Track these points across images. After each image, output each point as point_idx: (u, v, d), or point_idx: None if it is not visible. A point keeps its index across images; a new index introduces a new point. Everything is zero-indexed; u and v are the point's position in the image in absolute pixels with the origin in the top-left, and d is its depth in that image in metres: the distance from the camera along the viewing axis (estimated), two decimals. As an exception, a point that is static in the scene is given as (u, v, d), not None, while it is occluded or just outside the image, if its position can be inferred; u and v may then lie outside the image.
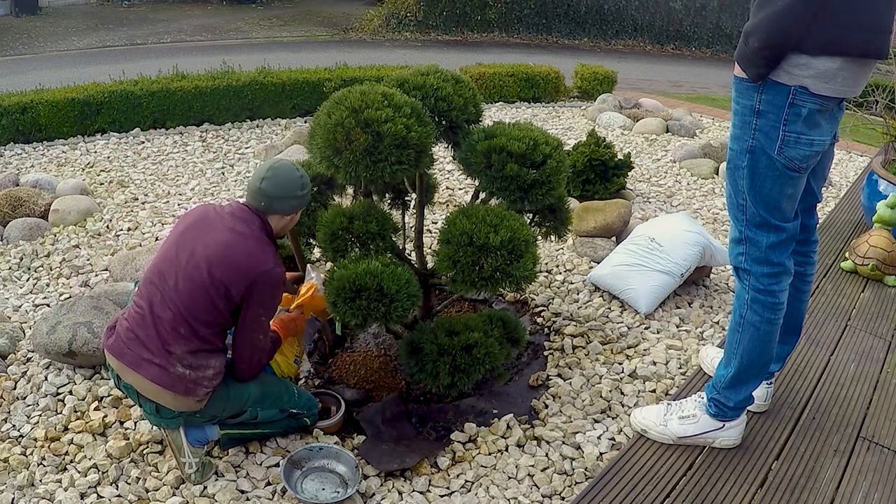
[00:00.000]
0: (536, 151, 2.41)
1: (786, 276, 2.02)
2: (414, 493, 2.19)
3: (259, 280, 2.05)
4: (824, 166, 2.09)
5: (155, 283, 2.08)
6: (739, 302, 2.08)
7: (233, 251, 2.04)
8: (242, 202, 2.21)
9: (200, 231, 2.10)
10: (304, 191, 2.22)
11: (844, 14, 1.69)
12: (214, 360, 2.09)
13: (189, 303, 2.03)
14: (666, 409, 2.30)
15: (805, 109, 1.78)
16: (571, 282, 3.50)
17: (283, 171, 2.17)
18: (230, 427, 2.27)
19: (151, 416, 2.13)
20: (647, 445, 2.31)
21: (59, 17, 12.85)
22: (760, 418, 2.42)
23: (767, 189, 1.90)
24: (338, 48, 11.09)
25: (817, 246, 2.26)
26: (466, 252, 2.25)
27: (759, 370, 2.11)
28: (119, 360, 2.06)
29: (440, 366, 2.33)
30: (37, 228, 3.83)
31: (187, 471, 2.14)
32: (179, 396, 2.04)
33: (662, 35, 14.36)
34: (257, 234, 2.11)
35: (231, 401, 2.18)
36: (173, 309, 2.03)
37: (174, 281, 2.05)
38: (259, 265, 2.05)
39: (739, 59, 1.83)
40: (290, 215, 2.23)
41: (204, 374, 2.06)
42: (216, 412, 2.17)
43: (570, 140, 5.86)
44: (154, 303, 2.06)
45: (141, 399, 2.09)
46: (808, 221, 2.18)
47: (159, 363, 2.02)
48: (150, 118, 5.77)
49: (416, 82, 2.48)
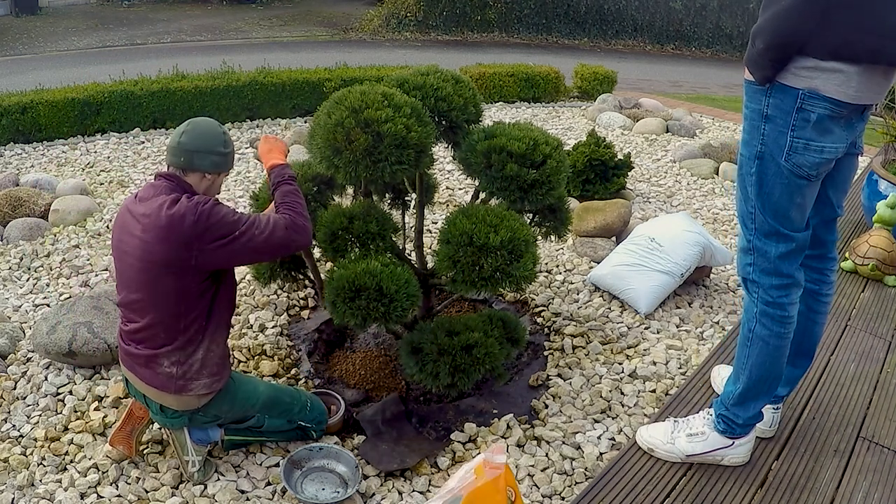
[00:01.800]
0: (536, 151, 2.41)
1: (795, 288, 1.95)
2: (414, 493, 2.19)
3: (192, 231, 1.91)
4: (845, 178, 1.97)
5: (123, 302, 2.07)
6: (748, 315, 2.00)
7: (152, 229, 1.93)
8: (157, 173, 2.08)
9: (124, 236, 2.02)
10: (227, 149, 2.08)
11: (855, 16, 1.59)
12: (200, 351, 2.04)
13: (153, 302, 1.98)
14: (673, 426, 2.23)
15: (814, 115, 1.70)
16: (571, 282, 3.50)
17: (203, 125, 2.07)
18: (234, 433, 2.26)
19: (157, 415, 2.13)
20: (647, 445, 2.31)
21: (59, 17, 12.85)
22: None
23: (776, 197, 1.83)
24: (338, 48, 11.09)
25: (836, 264, 2.14)
26: (466, 252, 2.25)
27: (768, 387, 2.04)
28: (123, 365, 2.14)
29: (440, 366, 2.33)
30: (37, 228, 3.83)
31: (190, 469, 2.14)
32: (176, 396, 2.04)
33: (662, 35, 14.35)
34: (164, 201, 1.94)
35: (237, 403, 2.17)
36: (144, 316, 2.01)
37: (133, 292, 2.01)
38: (180, 223, 1.90)
39: (747, 62, 1.77)
40: (211, 174, 2.07)
41: (190, 370, 2.03)
42: (219, 412, 2.16)
43: (570, 140, 5.86)
44: (129, 317, 2.07)
45: (147, 400, 2.11)
46: (827, 237, 2.06)
47: (148, 366, 2.04)
48: (150, 118, 5.77)
49: (416, 82, 2.48)
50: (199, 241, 1.92)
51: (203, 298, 2.03)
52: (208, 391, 2.08)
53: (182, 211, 1.92)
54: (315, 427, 2.33)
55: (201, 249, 1.93)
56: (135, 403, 2.20)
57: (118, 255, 2.05)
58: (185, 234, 1.91)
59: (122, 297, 2.06)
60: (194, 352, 2.04)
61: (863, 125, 1.84)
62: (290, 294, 3.28)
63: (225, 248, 1.95)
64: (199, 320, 2.04)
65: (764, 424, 2.28)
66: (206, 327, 2.06)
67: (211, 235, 1.93)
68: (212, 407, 2.12)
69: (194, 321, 2.02)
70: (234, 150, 2.13)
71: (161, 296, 1.97)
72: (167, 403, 2.07)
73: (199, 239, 1.92)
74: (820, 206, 1.95)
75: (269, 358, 2.80)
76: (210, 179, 2.09)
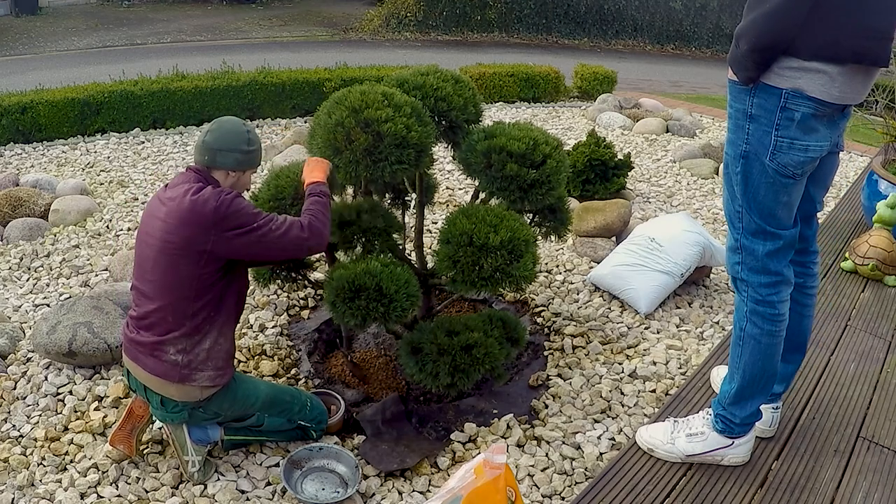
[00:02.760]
0: (536, 151, 2.41)
1: (785, 285, 1.96)
2: (414, 493, 2.19)
3: (212, 217, 1.98)
4: (826, 174, 1.99)
5: (136, 285, 2.12)
6: (739, 314, 2.01)
7: (174, 215, 2.01)
8: (188, 166, 2.18)
9: (149, 220, 2.10)
10: (251, 147, 2.15)
11: (839, 17, 1.61)
12: (207, 341, 2.08)
13: (166, 285, 2.03)
14: (672, 426, 2.23)
15: (798, 114, 1.72)
16: (571, 282, 3.50)
17: (227, 124, 2.15)
18: (233, 432, 2.27)
19: (157, 410, 2.14)
20: (647, 445, 2.31)
21: (59, 17, 12.85)
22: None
23: (762, 196, 1.84)
24: (338, 48, 11.09)
25: (818, 257, 2.16)
26: (466, 252, 2.25)
27: (762, 385, 2.05)
28: (126, 356, 2.14)
29: (440, 366, 2.33)
30: (37, 228, 3.83)
31: (190, 469, 2.14)
32: (178, 385, 2.06)
33: (662, 35, 14.35)
34: (189, 189, 2.03)
35: (238, 401, 2.18)
36: (155, 298, 2.05)
37: (149, 274, 2.06)
38: (202, 207, 1.98)
39: (731, 62, 1.79)
40: (235, 172, 2.15)
41: (196, 358, 2.06)
42: (220, 410, 2.17)
43: (570, 140, 5.86)
44: (140, 301, 2.10)
45: (148, 393, 2.12)
46: (807, 231, 2.07)
47: (153, 353, 2.06)
48: (150, 118, 5.77)
49: (416, 82, 2.48)
50: (218, 227, 1.99)
51: (214, 288, 2.07)
52: (212, 384, 2.09)
53: (206, 196, 2.00)
54: (315, 427, 2.33)
55: (219, 236, 1.99)
56: (135, 402, 2.21)
57: (140, 238, 2.12)
58: (206, 218, 1.98)
59: (137, 279, 2.11)
60: (201, 341, 2.07)
61: (845, 122, 1.85)
62: (290, 294, 3.28)
63: (241, 237, 2.02)
64: (209, 309, 2.07)
65: (764, 424, 2.28)
66: (214, 318, 2.09)
67: (229, 223, 2.00)
68: (212, 404, 2.13)
69: (203, 308, 2.06)
70: (260, 147, 2.20)
71: (174, 279, 2.02)
72: (169, 394, 2.07)
73: (218, 225, 1.99)
74: (801, 202, 1.95)
75: (269, 358, 2.81)
76: (235, 176, 2.16)
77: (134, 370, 2.12)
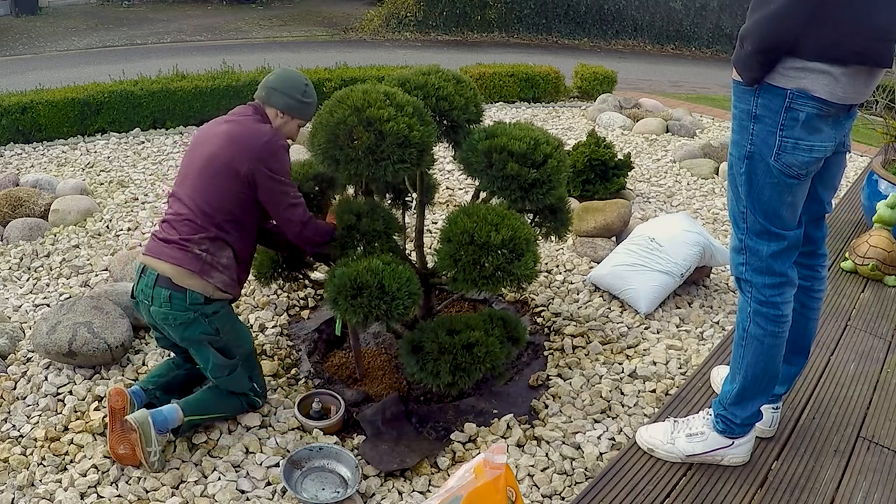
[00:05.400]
0: (537, 151, 2.41)
1: (789, 286, 1.95)
2: (414, 493, 2.19)
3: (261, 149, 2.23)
4: (833, 175, 1.98)
5: (175, 192, 2.34)
6: (742, 315, 2.00)
7: (231, 134, 2.27)
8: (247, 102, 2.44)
9: (204, 136, 2.34)
10: (306, 99, 2.41)
11: (843, 18, 1.61)
12: (229, 251, 2.29)
13: (203, 192, 2.25)
14: (673, 426, 2.23)
15: (803, 114, 1.71)
16: (571, 282, 3.50)
17: (290, 71, 2.45)
18: (192, 409, 2.30)
19: (161, 307, 2.22)
20: (648, 445, 2.30)
21: (59, 17, 12.85)
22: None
23: (766, 197, 1.83)
24: (338, 48, 11.09)
25: (826, 260, 2.14)
26: (467, 251, 2.25)
27: (764, 386, 2.04)
28: (147, 255, 2.28)
29: (441, 364, 2.33)
30: (37, 228, 3.82)
31: (151, 459, 2.17)
32: (195, 275, 2.21)
33: (662, 35, 14.35)
34: (251, 119, 2.32)
35: (234, 332, 2.35)
36: (190, 204, 2.26)
37: (189, 180, 2.28)
38: (257, 137, 2.25)
39: (735, 63, 1.79)
40: (284, 115, 2.39)
41: (219, 261, 2.25)
42: (221, 327, 2.29)
43: (570, 140, 5.86)
44: (175, 207, 2.31)
45: (155, 291, 2.21)
46: (816, 234, 2.05)
47: (180, 247, 2.23)
48: (150, 118, 5.77)
49: (417, 82, 2.48)
50: (260, 160, 2.23)
51: (242, 208, 2.28)
52: (224, 289, 2.27)
53: (265, 130, 2.30)
54: (261, 392, 2.47)
55: (256, 167, 2.23)
56: (111, 398, 2.23)
57: (188, 155, 2.35)
58: (255, 145, 2.24)
59: (178, 185, 2.34)
60: (223, 248, 2.27)
61: (851, 122, 1.84)
62: (290, 294, 3.28)
63: (268, 181, 2.25)
64: (233, 224, 2.29)
65: (764, 424, 2.27)
66: (234, 237, 2.29)
67: (269, 163, 2.24)
68: (217, 318, 2.27)
69: (227, 223, 2.27)
70: (314, 103, 2.45)
71: (210, 186, 2.25)
72: (185, 283, 2.20)
73: (261, 159, 2.23)
74: (809, 203, 1.95)
75: (269, 358, 2.80)
76: (283, 119, 2.40)
77: (155, 265, 2.23)
